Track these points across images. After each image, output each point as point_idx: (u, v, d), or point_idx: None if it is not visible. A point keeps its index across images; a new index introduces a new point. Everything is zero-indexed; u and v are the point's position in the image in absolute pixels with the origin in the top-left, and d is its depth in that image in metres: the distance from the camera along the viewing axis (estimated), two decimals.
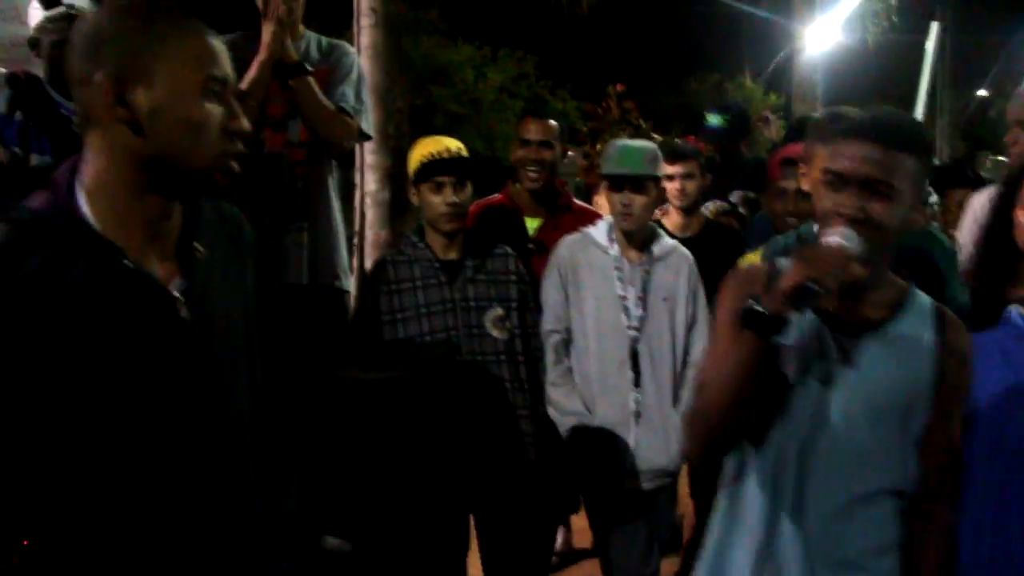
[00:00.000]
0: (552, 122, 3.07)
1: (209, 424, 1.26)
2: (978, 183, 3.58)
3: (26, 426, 1.12)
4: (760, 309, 1.39)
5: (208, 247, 1.29)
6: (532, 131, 3.03)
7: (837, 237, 1.41)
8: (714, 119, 4.14)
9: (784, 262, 1.55)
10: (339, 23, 7.07)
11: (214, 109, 1.20)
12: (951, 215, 3.45)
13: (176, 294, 1.23)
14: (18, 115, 2.54)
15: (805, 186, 2.23)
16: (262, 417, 1.38)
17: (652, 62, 14.19)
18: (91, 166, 1.19)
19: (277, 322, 1.47)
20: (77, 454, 1.16)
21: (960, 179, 3.71)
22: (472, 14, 11.42)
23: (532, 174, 3.01)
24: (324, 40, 2.92)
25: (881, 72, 16.45)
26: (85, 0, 2.68)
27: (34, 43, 2.61)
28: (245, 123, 1.24)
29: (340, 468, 2.19)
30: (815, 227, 2.19)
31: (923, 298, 1.58)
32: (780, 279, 1.39)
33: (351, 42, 5.16)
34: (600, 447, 2.65)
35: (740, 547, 1.56)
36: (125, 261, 1.17)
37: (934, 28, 14.65)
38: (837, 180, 1.44)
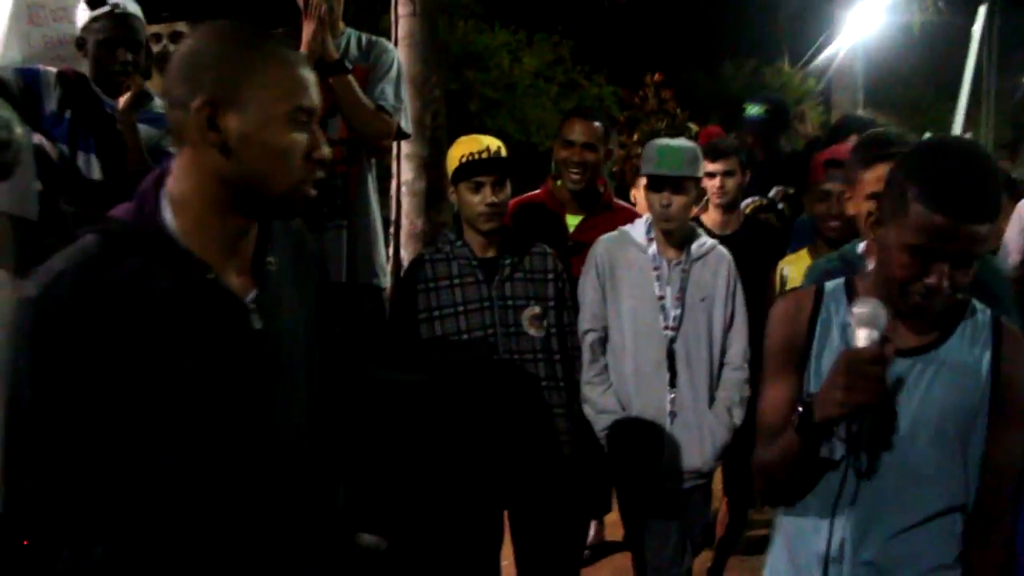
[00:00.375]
0: (596, 123, 3.02)
1: (271, 428, 1.32)
2: (1010, 187, 3.47)
3: (106, 427, 1.18)
4: (813, 420, 1.44)
5: (277, 259, 1.35)
6: (576, 132, 2.98)
7: (865, 329, 1.40)
8: (754, 109, 4.15)
9: (845, 309, 1.57)
10: (375, 10, 7.09)
11: (299, 138, 1.25)
12: None
13: (250, 305, 1.29)
14: (67, 113, 2.59)
15: (850, 210, 2.17)
16: (317, 419, 1.43)
17: (688, 47, 14.00)
18: (178, 182, 1.25)
19: (333, 329, 1.53)
20: (150, 456, 1.21)
21: None
22: None
23: (575, 175, 2.98)
24: (363, 36, 2.93)
25: (924, 57, 16.09)
26: (130, 0, 2.71)
27: (80, 42, 2.65)
28: (327, 151, 1.29)
29: (376, 466, 2.23)
30: (860, 247, 2.14)
31: (980, 312, 1.56)
32: (829, 388, 1.42)
33: (388, 31, 5.21)
34: (635, 446, 2.66)
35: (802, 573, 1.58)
36: (207, 275, 1.23)
37: (981, 12, 14.32)
38: (921, 254, 1.41)
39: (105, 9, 2.61)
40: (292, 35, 2.73)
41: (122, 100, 2.54)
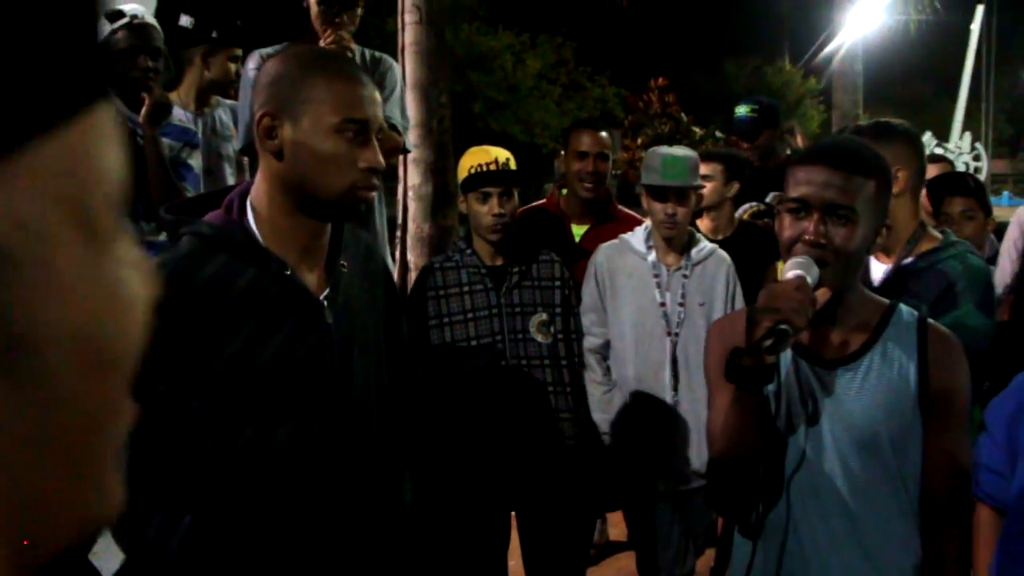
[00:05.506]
0: (604, 133, 3.08)
1: (345, 415, 1.45)
2: (979, 193, 3.38)
3: (191, 404, 1.31)
4: (742, 363, 1.41)
5: (349, 264, 1.49)
6: (587, 143, 3.03)
7: (795, 270, 1.42)
8: (742, 109, 4.24)
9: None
10: (380, 14, 7.14)
11: (344, 146, 1.38)
12: (952, 225, 2.90)
13: (323, 302, 1.43)
14: None
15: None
16: (389, 414, 1.57)
17: (690, 46, 14.07)
18: (256, 188, 1.42)
19: (400, 332, 1.68)
20: (232, 433, 1.34)
21: (960, 187, 3.35)
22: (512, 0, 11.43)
23: (588, 186, 3.03)
24: (367, 52, 2.98)
25: (924, 55, 16.17)
26: (145, 9, 2.78)
27: None
28: (377, 159, 1.41)
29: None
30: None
31: (906, 315, 1.55)
32: (751, 328, 1.40)
33: (394, 38, 5.27)
34: (638, 449, 2.74)
35: None
36: (286, 272, 1.37)
37: (979, 10, 14.39)
38: (799, 207, 1.46)
39: (123, 21, 2.68)
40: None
41: (142, 112, 2.61)
